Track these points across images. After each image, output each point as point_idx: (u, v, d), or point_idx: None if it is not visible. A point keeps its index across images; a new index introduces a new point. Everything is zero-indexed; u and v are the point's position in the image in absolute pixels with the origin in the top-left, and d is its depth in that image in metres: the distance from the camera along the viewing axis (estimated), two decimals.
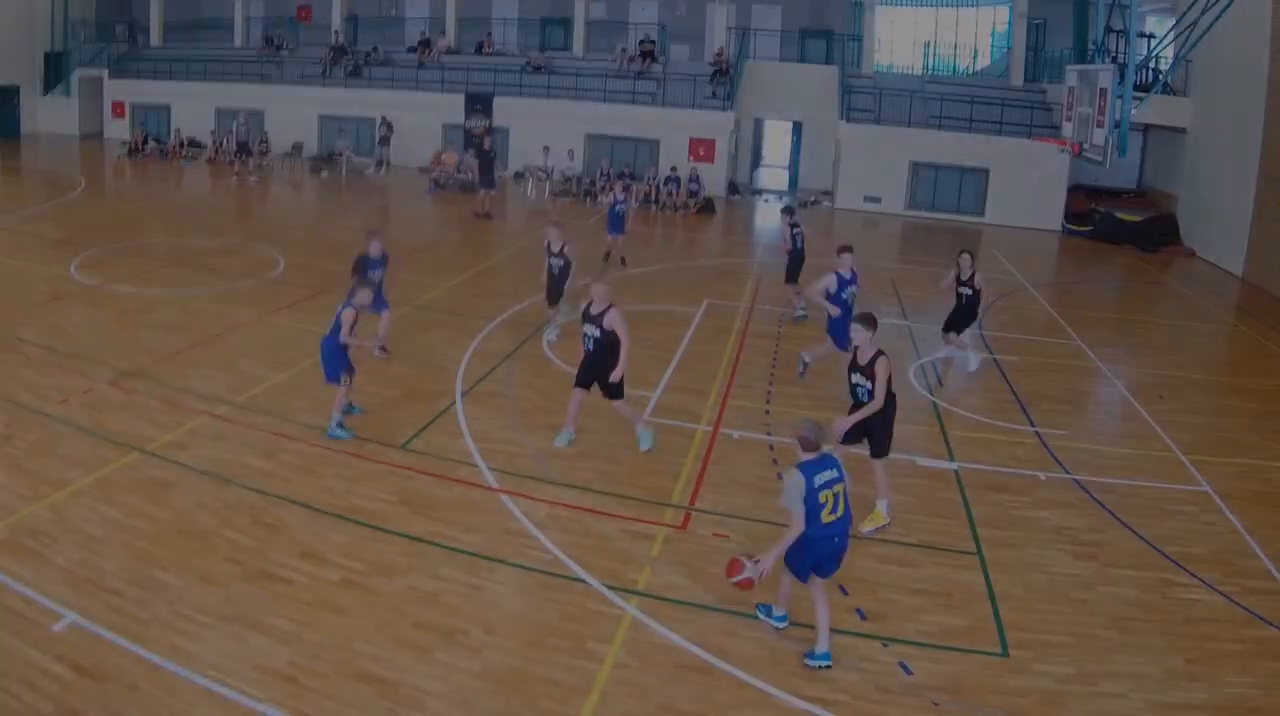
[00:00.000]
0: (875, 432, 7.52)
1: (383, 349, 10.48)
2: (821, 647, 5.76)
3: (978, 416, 10.25)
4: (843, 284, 10.78)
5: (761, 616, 6.19)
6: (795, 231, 13.51)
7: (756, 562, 5.59)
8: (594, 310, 8.50)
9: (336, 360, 8.56)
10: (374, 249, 10.77)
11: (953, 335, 11.90)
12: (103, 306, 12.38)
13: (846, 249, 10.88)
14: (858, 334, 7.41)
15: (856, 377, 7.46)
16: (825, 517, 5.53)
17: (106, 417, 8.77)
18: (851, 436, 7.56)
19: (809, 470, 5.55)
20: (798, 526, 5.49)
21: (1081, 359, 12.78)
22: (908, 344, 12.95)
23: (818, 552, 5.65)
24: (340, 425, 8.67)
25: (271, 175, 25.73)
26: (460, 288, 14.46)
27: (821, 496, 5.51)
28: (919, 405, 10.54)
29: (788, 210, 14.30)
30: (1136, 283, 19.00)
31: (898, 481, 8.50)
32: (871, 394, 7.32)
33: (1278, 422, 10.66)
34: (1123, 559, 7.32)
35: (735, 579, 5.68)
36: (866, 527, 7.46)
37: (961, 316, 11.86)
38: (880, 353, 7.35)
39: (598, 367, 8.54)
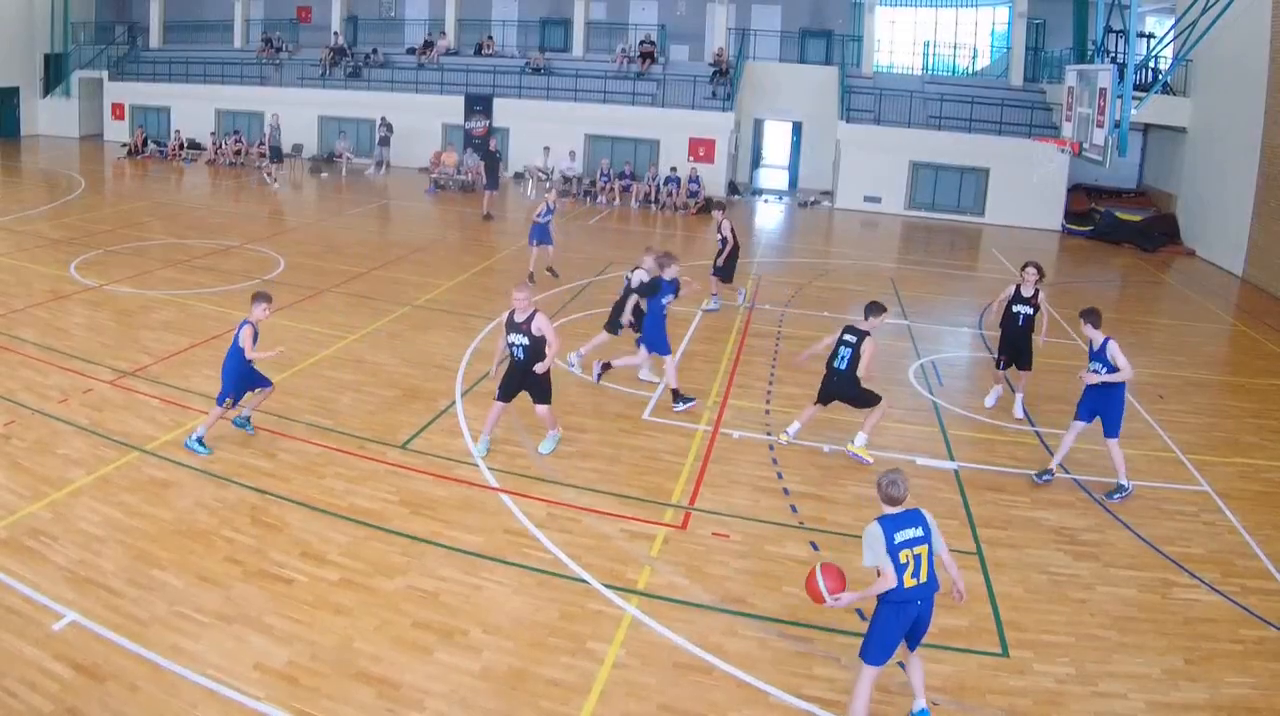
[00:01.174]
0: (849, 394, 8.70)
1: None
2: (918, 704, 5.34)
3: (978, 416, 10.24)
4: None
5: None
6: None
7: (836, 598, 5.10)
8: (518, 318, 8.10)
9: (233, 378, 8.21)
10: (669, 273, 9.92)
11: (1013, 371, 10.27)
12: (103, 306, 12.39)
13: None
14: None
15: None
16: (906, 581, 4.97)
17: (106, 417, 8.78)
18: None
19: (888, 525, 5.02)
20: (889, 580, 4.92)
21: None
22: (907, 343, 12.95)
23: (899, 623, 5.06)
24: (200, 441, 8.15)
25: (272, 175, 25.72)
26: (460, 288, 14.47)
27: (901, 556, 4.96)
28: (919, 405, 10.54)
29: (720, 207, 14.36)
30: (1136, 283, 19.00)
31: None
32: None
33: (1278, 422, 10.67)
34: (1123, 559, 7.32)
35: (814, 593, 5.19)
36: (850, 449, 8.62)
37: (1019, 343, 10.07)
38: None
39: (527, 377, 8.20)
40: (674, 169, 24.50)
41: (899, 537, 5.00)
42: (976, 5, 29.63)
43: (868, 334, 8.70)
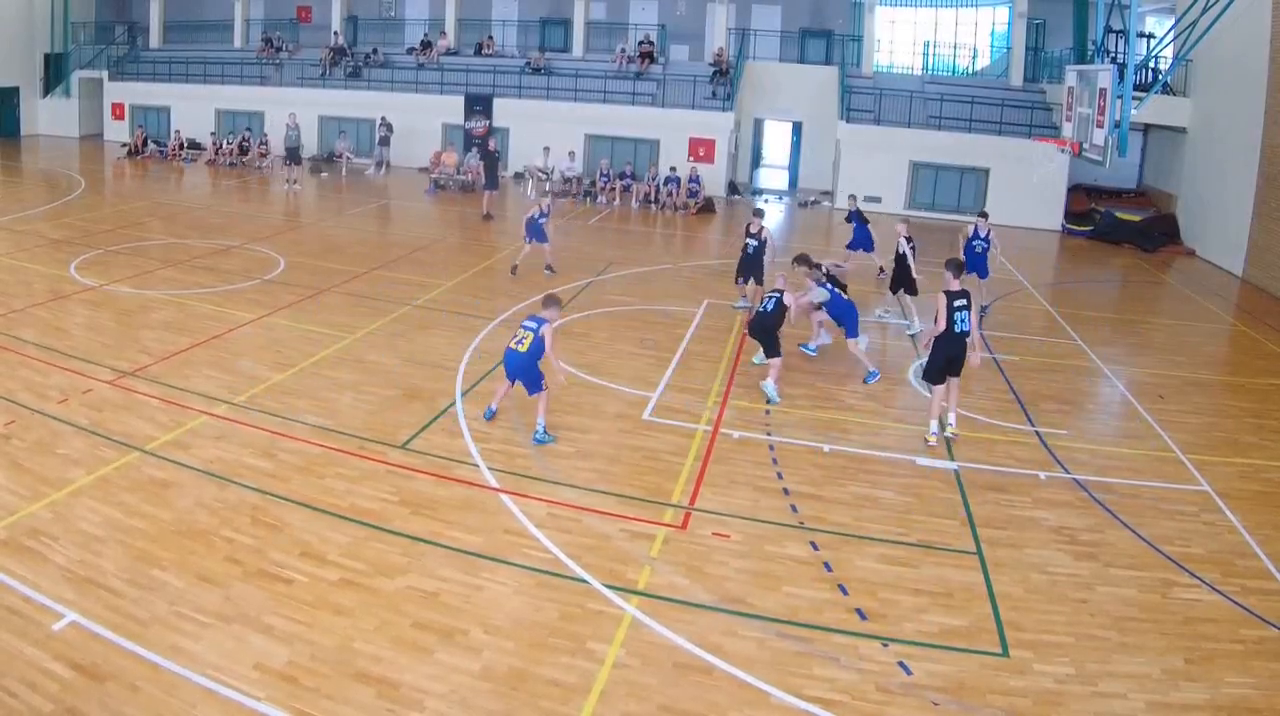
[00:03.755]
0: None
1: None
2: None
3: (978, 416, 10.25)
4: None
5: None
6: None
7: None
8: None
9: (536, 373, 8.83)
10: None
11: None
12: (103, 306, 12.39)
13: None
14: None
15: None
16: None
17: (106, 417, 8.78)
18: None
19: None
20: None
21: (1081, 359, 12.78)
22: (907, 343, 12.95)
23: None
24: (545, 430, 8.84)
25: (272, 176, 25.75)
26: (460, 288, 14.47)
27: None
28: (919, 405, 10.53)
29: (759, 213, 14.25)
30: (1136, 283, 19.00)
31: (898, 481, 8.53)
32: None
33: (1278, 422, 10.67)
34: (1123, 559, 7.32)
35: None
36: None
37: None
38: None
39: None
40: (674, 169, 24.50)
41: None
42: (976, 5, 29.63)
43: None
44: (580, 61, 28.14)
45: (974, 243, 14.57)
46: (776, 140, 32.55)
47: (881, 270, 16.28)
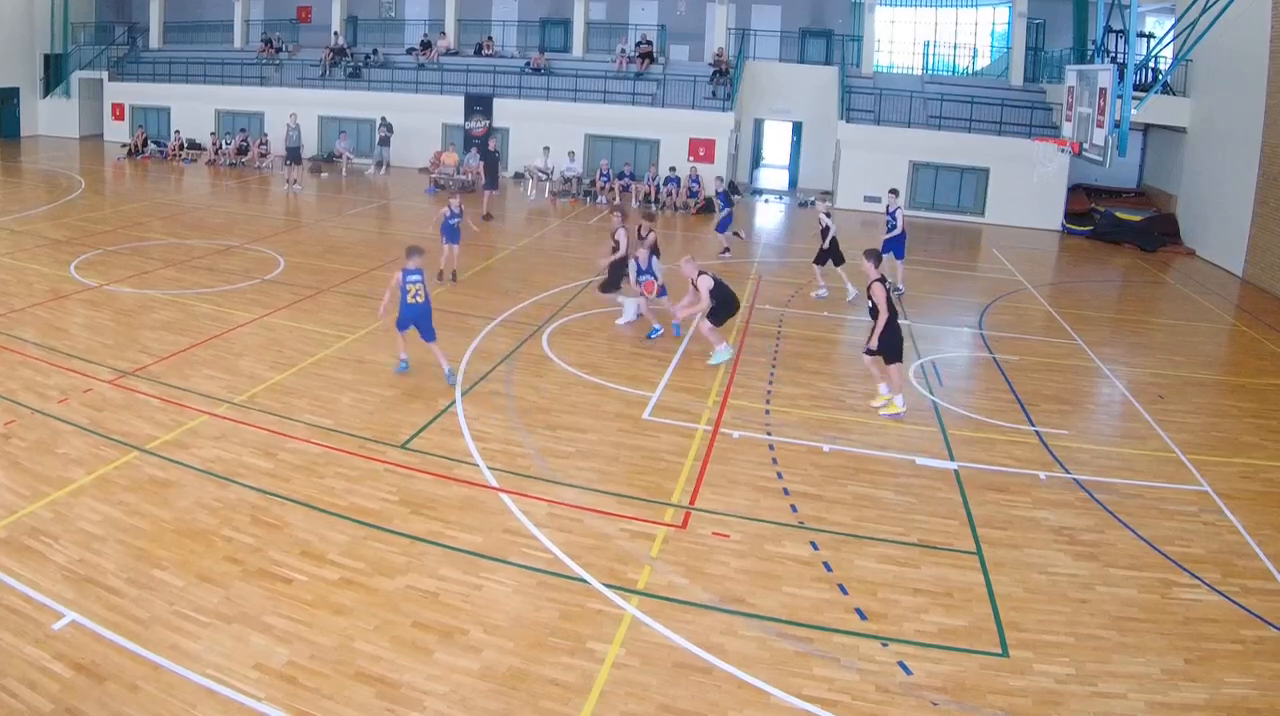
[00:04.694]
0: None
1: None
2: None
3: (978, 416, 10.25)
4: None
5: None
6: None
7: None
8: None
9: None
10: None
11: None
12: (103, 306, 12.39)
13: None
14: None
15: None
16: None
17: (106, 417, 8.78)
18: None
19: None
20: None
21: (1081, 359, 12.78)
22: (907, 343, 12.93)
23: None
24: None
25: (272, 175, 25.75)
26: (460, 287, 14.46)
27: None
28: (919, 405, 10.53)
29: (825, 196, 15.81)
30: (1136, 283, 19.00)
31: (898, 481, 8.52)
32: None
33: (1278, 422, 10.67)
34: (1123, 559, 7.32)
35: None
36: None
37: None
38: None
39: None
40: (673, 169, 24.50)
41: None
42: (976, 5, 29.63)
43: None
44: (580, 61, 28.14)
45: (888, 219, 15.30)
46: (776, 140, 32.56)
47: (735, 238, 18.38)
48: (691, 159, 25.26)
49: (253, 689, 5.26)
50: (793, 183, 28.98)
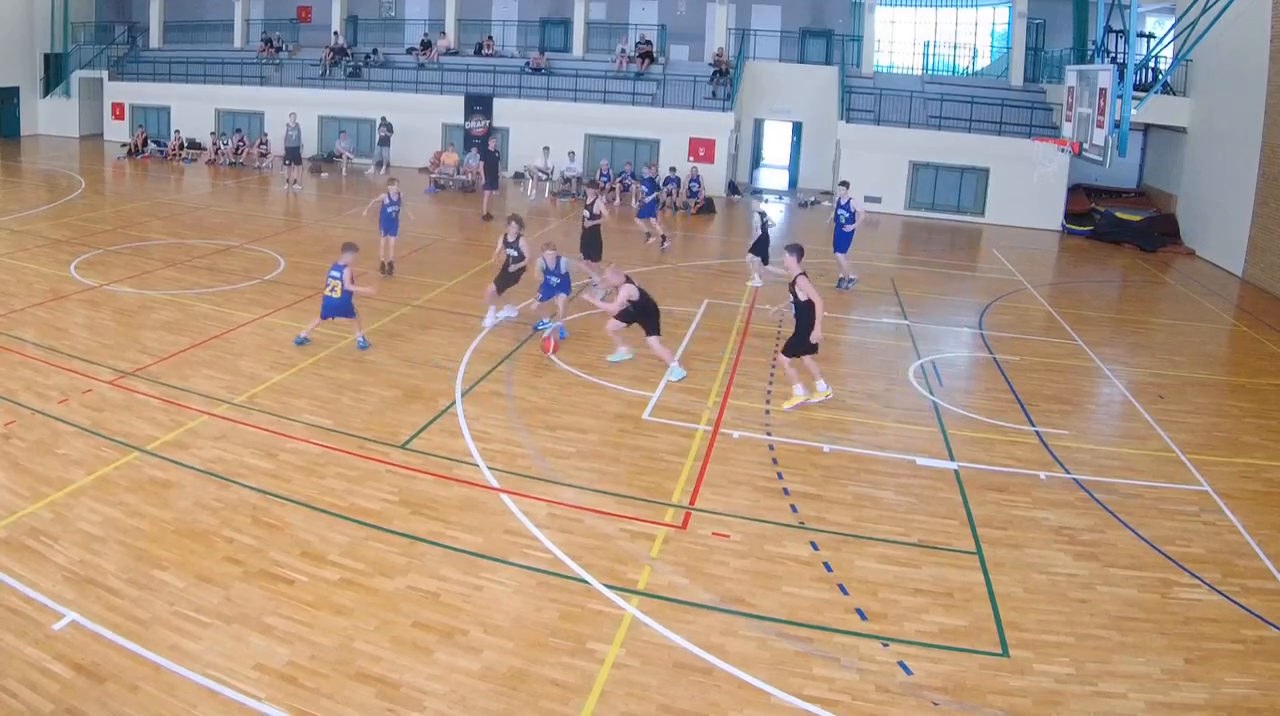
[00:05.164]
0: None
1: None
2: None
3: (978, 416, 10.25)
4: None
5: None
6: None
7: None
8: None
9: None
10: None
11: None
12: (103, 306, 12.39)
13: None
14: None
15: None
16: None
17: (106, 417, 8.78)
18: None
19: None
20: None
21: (1081, 359, 12.78)
22: (907, 343, 12.95)
23: None
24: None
25: (272, 175, 25.75)
26: (460, 288, 14.46)
27: None
28: (919, 405, 10.54)
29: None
30: (1136, 283, 19.01)
31: (898, 481, 8.52)
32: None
33: (1278, 422, 10.67)
34: (1123, 559, 7.32)
35: None
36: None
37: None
38: None
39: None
40: (674, 169, 24.50)
41: None
42: (976, 5, 29.63)
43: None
44: (580, 61, 28.14)
45: (839, 213, 15.48)
46: (776, 140, 32.55)
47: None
48: (691, 159, 25.26)
49: (253, 689, 5.26)
50: (793, 183, 28.97)
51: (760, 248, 15.45)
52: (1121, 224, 22.61)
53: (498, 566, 6.70)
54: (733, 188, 26.53)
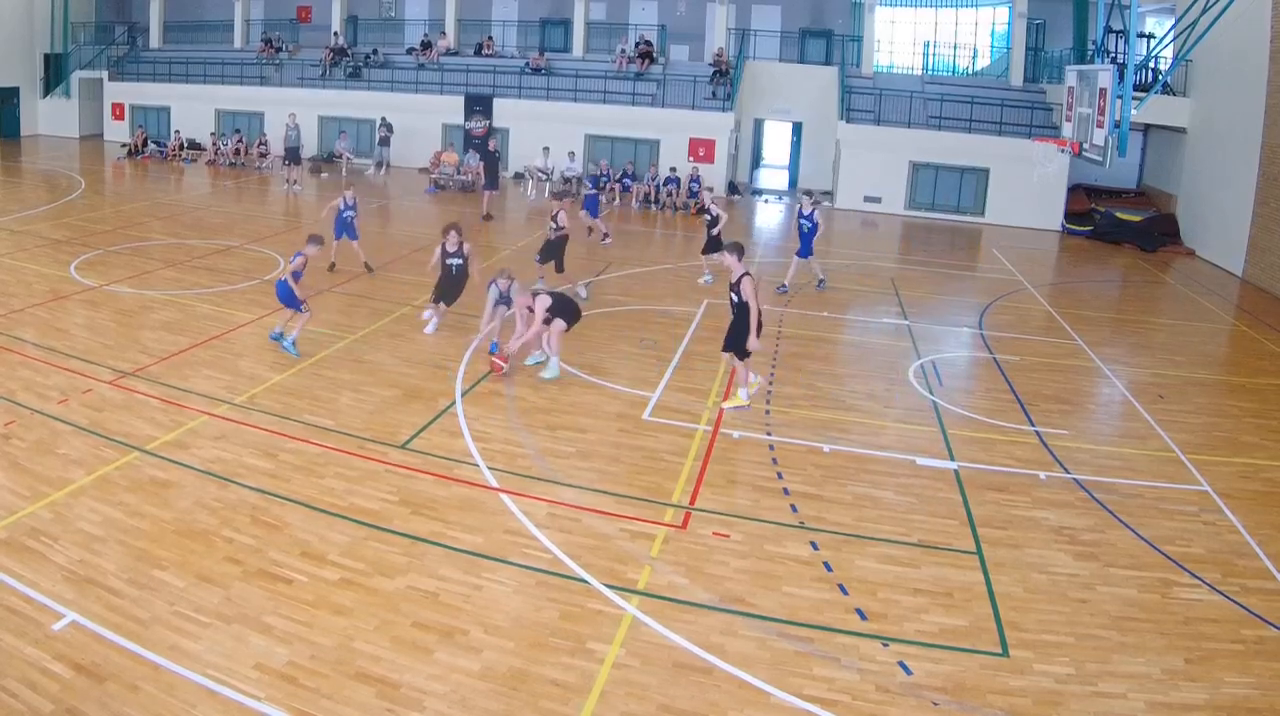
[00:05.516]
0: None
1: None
2: None
3: (978, 416, 10.25)
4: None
5: None
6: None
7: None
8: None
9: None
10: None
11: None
12: (103, 306, 12.39)
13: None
14: None
15: None
16: None
17: (106, 417, 8.78)
18: None
19: None
20: None
21: (1081, 359, 12.78)
22: (907, 343, 12.95)
23: None
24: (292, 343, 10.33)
25: (271, 176, 25.75)
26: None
27: None
28: (919, 405, 10.54)
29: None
30: (1136, 283, 19.01)
31: (898, 481, 8.52)
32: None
33: (1278, 422, 10.67)
34: (1123, 559, 7.32)
35: None
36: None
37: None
38: None
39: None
40: (674, 169, 24.50)
41: None
42: (976, 5, 29.64)
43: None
44: (580, 62, 28.14)
45: (801, 222, 15.42)
46: (776, 140, 32.55)
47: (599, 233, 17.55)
48: (691, 159, 25.26)
49: (253, 689, 5.26)
50: (793, 183, 28.96)
51: (711, 248, 15.35)
52: (1121, 224, 22.62)
53: (498, 566, 6.70)
54: (733, 188, 26.52)
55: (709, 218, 15.64)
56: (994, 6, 29.35)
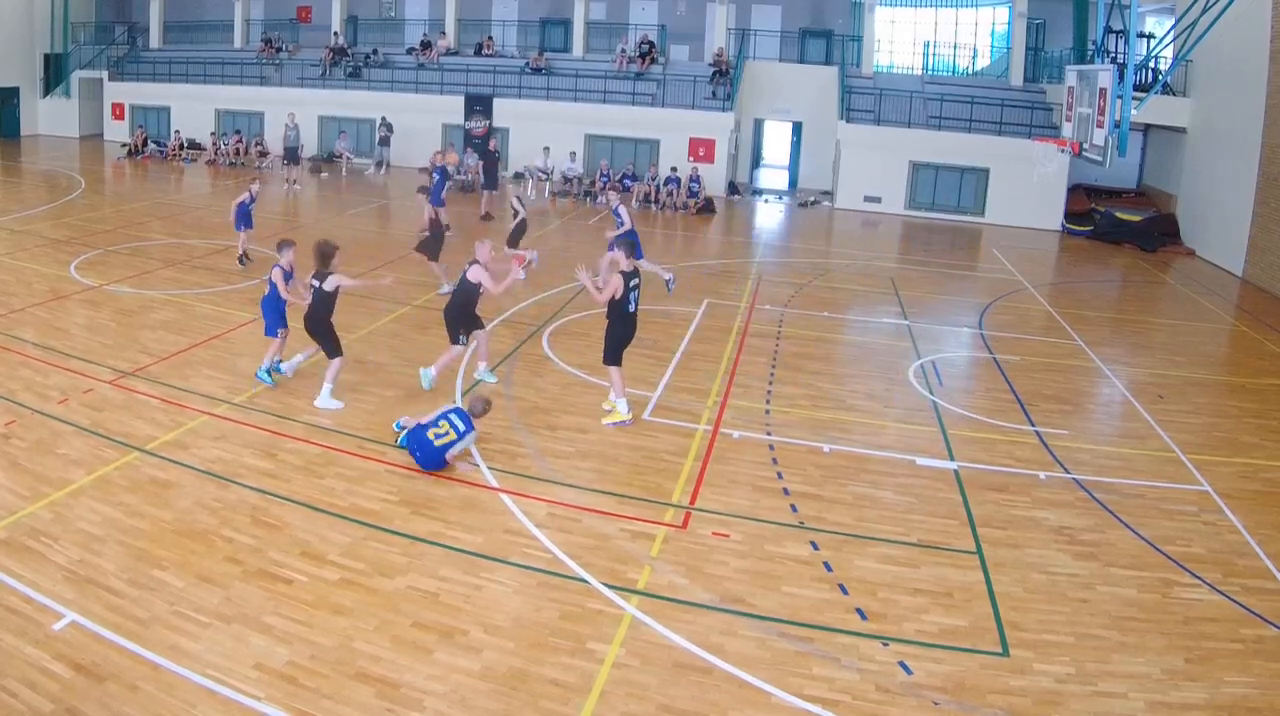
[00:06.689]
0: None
1: None
2: None
3: (978, 416, 10.25)
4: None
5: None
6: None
7: None
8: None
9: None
10: None
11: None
12: (103, 306, 12.39)
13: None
14: None
15: None
16: None
17: (106, 417, 8.77)
18: None
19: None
20: None
21: (1081, 359, 12.78)
22: (907, 343, 12.95)
23: None
24: (268, 372, 9.72)
25: (272, 175, 25.73)
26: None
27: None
28: (919, 405, 10.54)
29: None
30: (1136, 283, 19.01)
31: (897, 481, 8.52)
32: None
33: (1278, 422, 10.67)
34: (1123, 559, 7.32)
35: None
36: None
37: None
38: None
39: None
40: (674, 169, 24.51)
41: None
42: (976, 5, 29.64)
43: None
44: (580, 61, 28.14)
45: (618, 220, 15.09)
46: (776, 140, 32.55)
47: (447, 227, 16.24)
48: (691, 159, 25.26)
49: (253, 689, 5.26)
50: (793, 183, 28.97)
51: (516, 237, 15.64)
52: (1121, 224, 22.62)
53: (498, 566, 6.70)
54: (733, 188, 26.53)
55: (513, 211, 15.98)
56: (994, 6, 29.35)
